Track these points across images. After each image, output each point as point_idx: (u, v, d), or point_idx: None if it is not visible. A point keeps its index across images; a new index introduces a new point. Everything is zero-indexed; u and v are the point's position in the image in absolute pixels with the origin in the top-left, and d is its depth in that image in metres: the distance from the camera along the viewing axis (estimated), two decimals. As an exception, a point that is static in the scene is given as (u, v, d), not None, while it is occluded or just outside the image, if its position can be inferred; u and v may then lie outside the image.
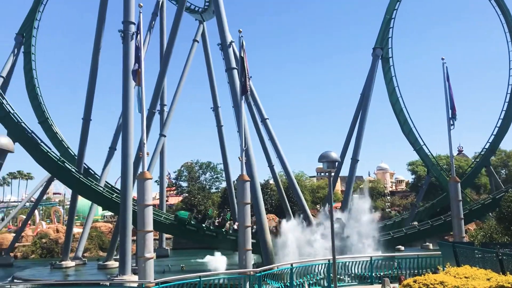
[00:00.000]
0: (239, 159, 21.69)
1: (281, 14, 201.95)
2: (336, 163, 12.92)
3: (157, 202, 48.13)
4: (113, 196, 32.82)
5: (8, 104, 32.29)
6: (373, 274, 17.78)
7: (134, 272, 24.08)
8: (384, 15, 44.64)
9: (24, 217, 52.20)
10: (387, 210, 72.39)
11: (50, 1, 43.53)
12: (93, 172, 39.99)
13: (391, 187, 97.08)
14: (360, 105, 43.06)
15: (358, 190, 63.76)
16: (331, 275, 15.04)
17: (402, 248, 38.83)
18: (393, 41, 44.79)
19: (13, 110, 32.20)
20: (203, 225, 34.56)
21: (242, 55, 23.27)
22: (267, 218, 34.24)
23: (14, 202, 79.89)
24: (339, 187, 75.67)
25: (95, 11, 34.85)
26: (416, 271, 17.86)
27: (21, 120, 32.32)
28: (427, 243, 43.06)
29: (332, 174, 13.69)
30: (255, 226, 30.38)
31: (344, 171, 45.60)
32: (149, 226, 18.59)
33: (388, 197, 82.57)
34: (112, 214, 58.88)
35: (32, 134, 32.44)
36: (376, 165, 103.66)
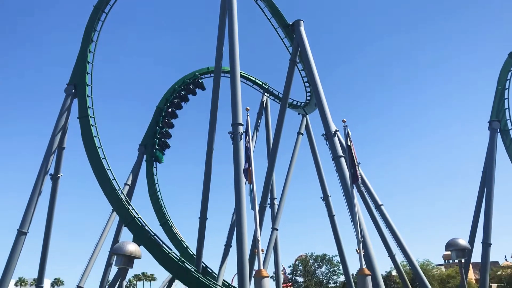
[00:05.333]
0: (357, 251, 20.59)
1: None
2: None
3: (274, 299, 46.89)
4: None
5: (134, 209, 34.80)
6: None
7: None
8: (496, 86, 42.20)
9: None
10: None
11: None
12: (211, 271, 40.66)
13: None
14: (484, 183, 39.64)
15: (495, 277, 56.53)
16: None
17: None
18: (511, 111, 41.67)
19: (138, 215, 34.55)
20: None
21: (348, 143, 23.12)
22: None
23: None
24: (472, 275, 68.02)
25: (206, 115, 36.98)
26: None
27: (145, 223, 34.43)
28: None
29: (463, 261, 12.29)
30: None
31: (476, 257, 41.18)
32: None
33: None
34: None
35: (155, 236, 34.25)
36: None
